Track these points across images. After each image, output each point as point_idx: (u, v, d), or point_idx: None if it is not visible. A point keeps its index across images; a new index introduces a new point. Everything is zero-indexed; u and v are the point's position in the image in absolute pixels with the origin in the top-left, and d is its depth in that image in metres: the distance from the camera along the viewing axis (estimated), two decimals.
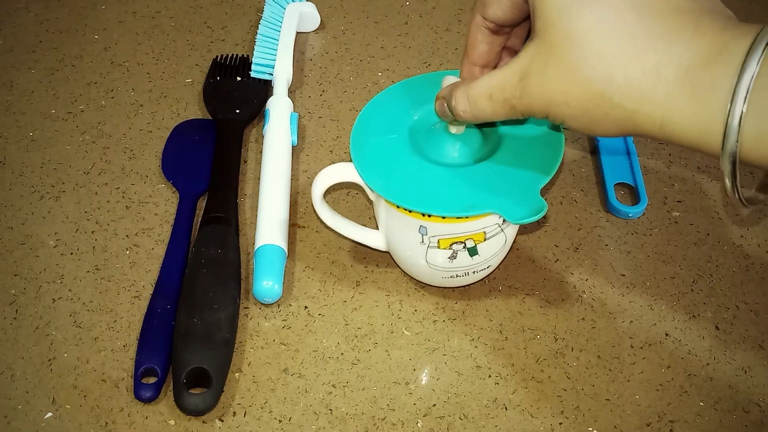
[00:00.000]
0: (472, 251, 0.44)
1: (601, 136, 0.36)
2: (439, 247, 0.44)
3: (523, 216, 0.40)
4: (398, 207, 0.43)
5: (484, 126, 0.45)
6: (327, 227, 0.50)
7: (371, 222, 0.52)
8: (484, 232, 0.43)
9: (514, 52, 0.44)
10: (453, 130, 0.44)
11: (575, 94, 0.34)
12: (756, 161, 0.31)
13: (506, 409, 0.44)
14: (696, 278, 0.50)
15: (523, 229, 0.52)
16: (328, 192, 0.53)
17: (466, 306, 0.49)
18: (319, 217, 0.49)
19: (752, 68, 0.30)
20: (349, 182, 0.45)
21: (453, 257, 0.44)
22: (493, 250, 0.45)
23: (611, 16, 0.33)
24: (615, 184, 0.55)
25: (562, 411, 0.44)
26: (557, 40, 0.34)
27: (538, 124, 0.45)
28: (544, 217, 0.53)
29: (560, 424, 0.43)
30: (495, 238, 0.44)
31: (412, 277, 0.50)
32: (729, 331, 0.48)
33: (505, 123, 0.45)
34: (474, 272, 0.47)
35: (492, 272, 0.49)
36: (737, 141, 0.31)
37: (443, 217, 0.41)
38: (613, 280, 0.50)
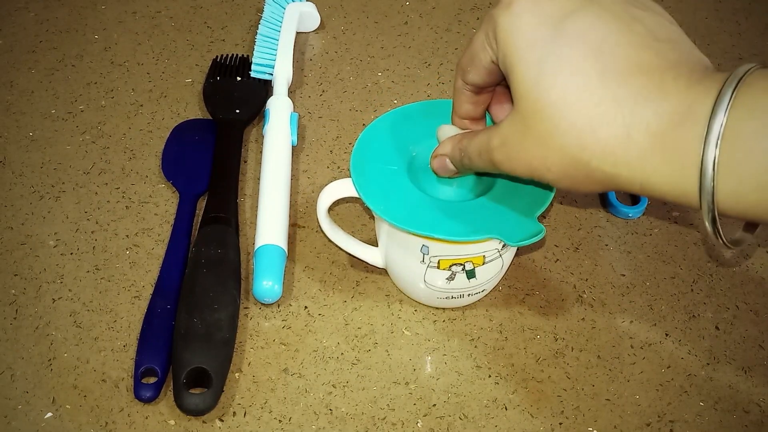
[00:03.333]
0: (470, 274, 0.45)
1: (587, 193, 0.37)
2: (438, 268, 0.44)
3: (522, 239, 0.41)
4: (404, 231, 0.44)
5: None
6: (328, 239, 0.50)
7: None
8: (484, 256, 0.44)
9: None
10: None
11: (554, 161, 0.35)
12: (733, 214, 0.32)
13: (506, 409, 0.44)
14: (696, 278, 0.50)
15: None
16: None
17: (466, 306, 0.49)
18: (321, 230, 0.49)
19: (717, 127, 0.30)
20: (354, 197, 0.46)
21: (451, 278, 0.45)
22: (490, 275, 0.46)
23: (577, 86, 0.34)
24: None
25: (562, 411, 0.44)
26: (530, 111, 0.35)
27: None
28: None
29: (560, 424, 0.43)
30: (493, 263, 0.45)
31: None
32: (729, 331, 0.48)
33: None
34: (469, 295, 0.47)
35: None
36: (713, 198, 0.31)
37: (447, 240, 0.42)
38: (613, 280, 0.50)
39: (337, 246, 0.50)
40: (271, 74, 0.61)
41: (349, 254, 0.50)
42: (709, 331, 0.48)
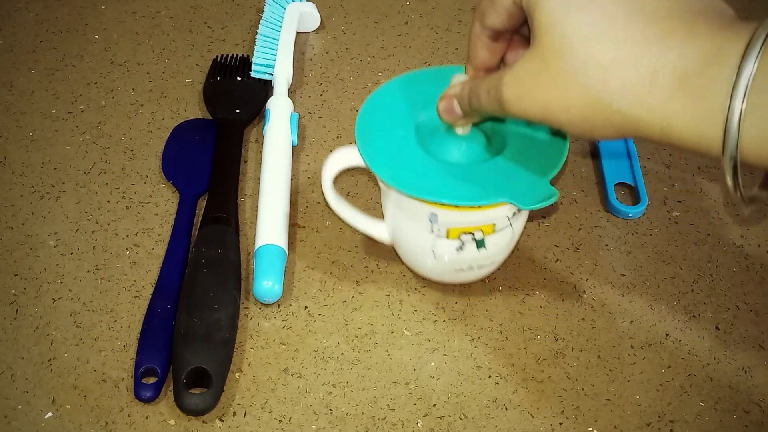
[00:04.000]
0: (480, 244, 0.44)
1: (601, 140, 0.36)
2: (447, 237, 0.43)
3: (535, 202, 0.40)
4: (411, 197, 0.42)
5: (489, 128, 0.45)
6: (337, 223, 0.50)
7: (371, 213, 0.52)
8: (494, 224, 0.43)
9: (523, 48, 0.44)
10: (459, 131, 0.44)
11: (573, 101, 0.34)
12: (757, 163, 0.31)
13: (506, 409, 0.44)
14: (696, 278, 0.50)
15: (526, 232, 0.52)
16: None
17: (466, 306, 0.49)
18: (325, 201, 0.48)
19: (749, 70, 0.30)
20: (360, 172, 0.45)
21: (460, 248, 0.44)
22: (500, 245, 0.45)
23: (605, 22, 0.33)
24: (615, 184, 0.55)
25: (562, 411, 0.44)
26: (552, 47, 0.34)
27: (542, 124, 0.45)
28: (544, 217, 0.53)
29: (560, 424, 0.43)
30: (503, 232, 0.43)
31: (413, 277, 0.50)
32: (729, 331, 0.48)
33: (509, 122, 0.45)
34: (479, 267, 0.46)
35: (493, 272, 0.49)
36: (737, 144, 0.30)
37: (456, 206, 0.41)
38: (613, 280, 0.50)
39: (341, 219, 0.49)
40: (271, 74, 0.61)
41: (354, 228, 0.49)
42: (709, 331, 0.48)
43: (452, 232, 0.43)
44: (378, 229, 0.48)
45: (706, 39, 0.31)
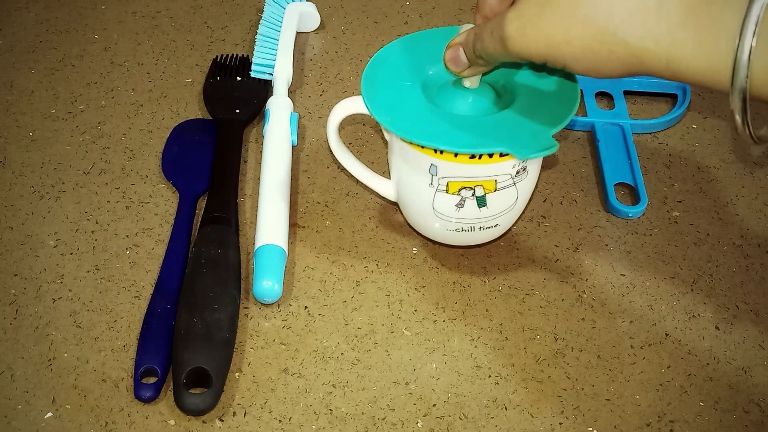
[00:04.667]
0: (481, 201, 0.43)
1: (606, 77, 0.35)
2: (447, 191, 0.43)
3: (531, 152, 0.39)
4: (410, 143, 0.42)
5: (500, 84, 0.45)
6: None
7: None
8: (495, 180, 0.42)
9: None
10: (467, 83, 0.43)
11: (577, 32, 0.33)
12: (766, 97, 0.30)
13: (506, 409, 0.44)
14: (696, 278, 0.50)
15: (527, 231, 0.52)
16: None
17: (466, 306, 0.49)
18: (331, 152, 0.48)
19: (759, 4, 0.29)
20: (365, 116, 0.44)
21: (461, 205, 0.43)
22: (503, 206, 0.44)
23: None
24: (615, 184, 0.55)
25: (562, 411, 0.44)
26: None
27: (554, 82, 0.44)
28: (544, 216, 0.53)
29: (560, 424, 0.43)
30: (505, 191, 0.43)
31: (412, 277, 0.50)
32: (729, 331, 0.48)
33: (520, 78, 0.45)
34: (481, 228, 0.45)
35: (494, 268, 0.49)
36: (747, 76, 0.30)
37: (455, 155, 0.41)
38: (613, 280, 0.50)
39: (346, 172, 0.49)
40: (271, 74, 0.61)
41: (359, 181, 0.49)
42: (709, 331, 0.48)
43: (452, 186, 0.42)
44: (384, 186, 0.48)
45: None
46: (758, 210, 0.54)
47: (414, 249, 0.51)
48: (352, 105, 0.45)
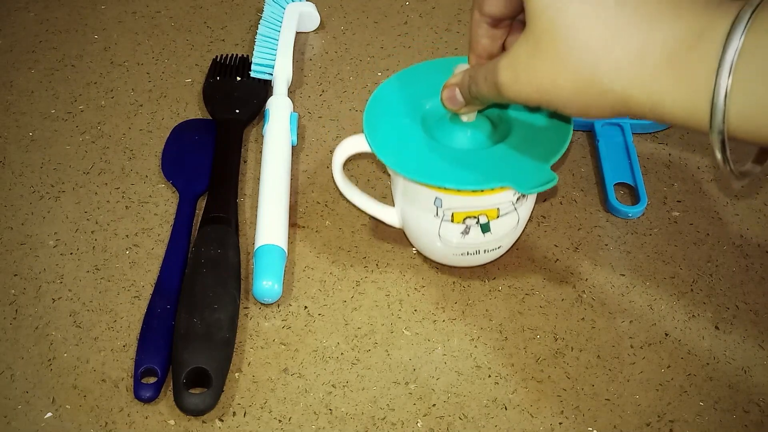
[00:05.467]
0: (485, 228, 0.44)
1: (596, 118, 0.37)
2: (452, 221, 0.44)
3: (533, 186, 0.41)
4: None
5: (495, 116, 0.46)
6: (344, 199, 0.50)
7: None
8: (498, 208, 0.43)
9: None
10: (464, 118, 0.45)
11: (566, 80, 0.35)
12: (744, 137, 0.32)
13: (506, 409, 0.44)
14: (696, 278, 0.50)
15: (527, 231, 0.52)
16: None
17: (466, 306, 0.49)
18: (337, 188, 0.49)
19: (734, 46, 0.30)
20: (369, 158, 0.46)
21: (466, 232, 0.45)
22: (505, 230, 0.45)
23: (594, 6, 0.34)
24: (615, 184, 0.55)
25: (562, 411, 0.44)
26: (545, 31, 0.35)
27: (547, 111, 0.46)
28: (544, 217, 0.53)
29: (560, 424, 0.43)
30: (508, 217, 0.44)
31: (412, 277, 0.50)
32: (729, 331, 0.48)
33: (514, 109, 0.46)
34: (485, 251, 0.47)
35: (494, 274, 0.49)
36: (724, 119, 0.31)
37: (459, 190, 0.42)
38: (613, 280, 0.50)
39: (352, 204, 0.50)
40: (271, 74, 0.61)
41: (365, 213, 0.50)
42: (710, 332, 0.48)
43: (457, 216, 0.44)
44: (389, 215, 0.49)
45: (694, 18, 0.32)
46: (758, 210, 0.54)
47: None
48: (355, 144, 0.46)
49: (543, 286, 0.50)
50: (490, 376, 0.45)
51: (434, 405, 0.44)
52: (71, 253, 0.51)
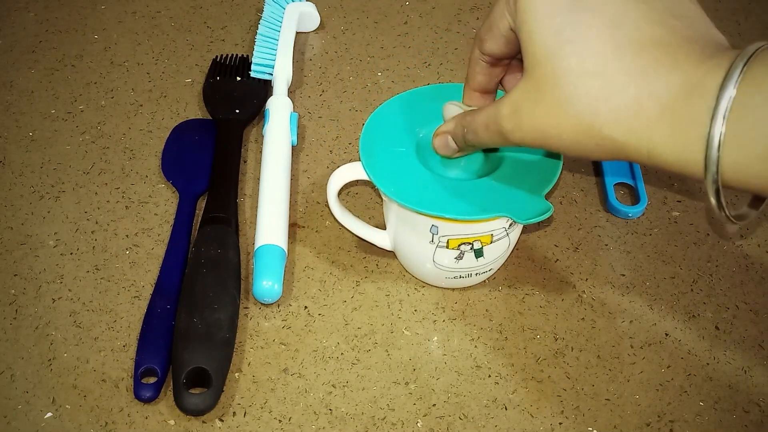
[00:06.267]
0: (478, 253, 0.45)
1: (597, 160, 0.38)
2: (447, 247, 0.45)
3: (530, 216, 0.42)
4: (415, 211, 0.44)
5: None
6: (338, 224, 0.51)
7: (371, 221, 0.52)
8: (492, 234, 0.44)
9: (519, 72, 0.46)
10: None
11: (566, 128, 0.36)
12: (737, 186, 0.32)
13: (506, 409, 0.44)
14: (696, 278, 0.50)
15: (525, 231, 0.52)
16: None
17: (466, 306, 0.49)
18: (331, 214, 0.50)
19: (727, 96, 0.31)
20: (362, 181, 0.46)
21: (459, 257, 0.46)
22: (497, 253, 0.46)
23: (594, 56, 0.34)
24: (615, 184, 0.55)
25: (562, 411, 0.44)
26: (545, 78, 0.36)
27: None
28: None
29: (560, 424, 0.43)
30: (500, 241, 0.45)
31: (412, 277, 0.50)
32: (729, 331, 0.48)
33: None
34: (477, 274, 0.48)
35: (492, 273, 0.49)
36: (718, 168, 0.32)
37: (457, 219, 0.43)
38: (613, 280, 0.50)
39: (346, 229, 0.50)
40: (271, 74, 0.61)
41: (358, 237, 0.50)
42: (709, 331, 0.48)
43: (452, 242, 0.45)
44: (381, 238, 0.50)
45: (689, 69, 0.33)
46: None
47: None
48: (351, 172, 0.47)
49: (543, 286, 0.50)
50: (490, 376, 0.45)
51: (434, 405, 0.44)
52: (71, 253, 0.51)
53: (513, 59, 0.44)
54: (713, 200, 0.33)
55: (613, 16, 0.34)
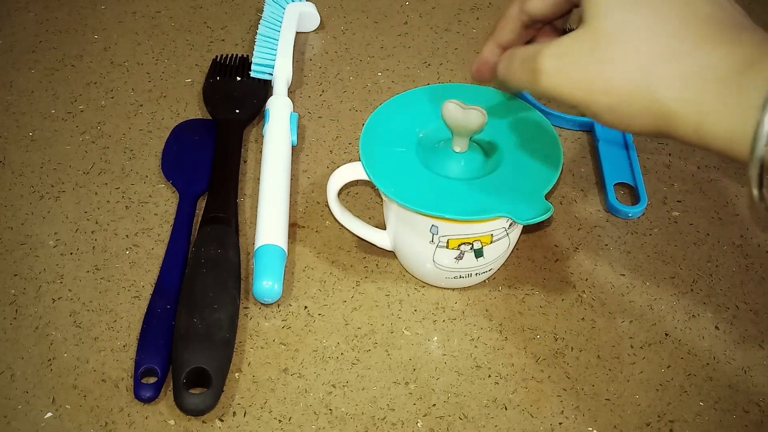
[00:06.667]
0: (478, 253, 0.45)
1: (635, 133, 0.37)
2: (447, 247, 0.45)
3: (531, 217, 0.42)
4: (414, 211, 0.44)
5: (485, 144, 0.47)
6: (338, 224, 0.51)
7: (371, 221, 0.52)
8: (492, 234, 0.44)
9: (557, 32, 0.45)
10: (456, 148, 0.45)
11: (617, 84, 0.35)
12: None
13: (506, 409, 0.44)
14: (696, 278, 0.50)
15: (525, 231, 0.52)
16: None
17: (466, 306, 0.49)
18: (331, 214, 0.50)
19: None
20: (362, 181, 0.46)
21: (459, 258, 0.46)
22: (497, 253, 0.46)
23: (658, 17, 0.34)
24: (615, 184, 0.55)
25: (562, 411, 0.44)
26: (605, 31, 0.35)
27: (538, 137, 0.47)
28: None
29: (560, 424, 0.43)
30: (500, 241, 0.45)
31: (412, 277, 0.50)
32: (729, 331, 0.48)
33: (504, 136, 0.47)
34: (477, 274, 0.48)
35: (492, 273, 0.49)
36: (766, 147, 0.31)
37: (457, 220, 0.43)
38: (613, 280, 0.50)
39: (346, 229, 0.50)
40: (271, 74, 0.61)
41: (358, 237, 0.50)
42: (710, 332, 0.48)
43: (452, 242, 0.45)
44: (381, 238, 0.50)
45: (750, 48, 0.33)
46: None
47: None
48: (351, 172, 0.47)
49: (543, 286, 0.50)
50: (490, 376, 0.45)
51: (434, 405, 0.44)
52: (71, 253, 0.51)
53: (548, 24, 0.43)
54: (755, 190, 0.33)
55: None
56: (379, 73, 0.64)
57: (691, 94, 0.33)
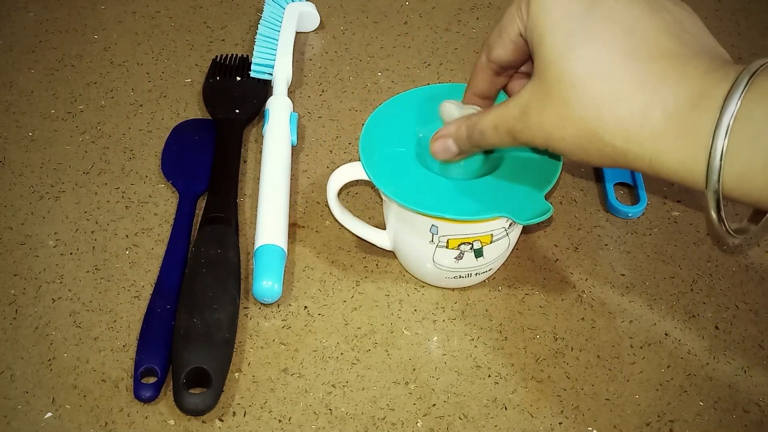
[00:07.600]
0: (478, 253, 0.45)
1: (598, 166, 0.38)
2: (447, 247, 0.45)
3: (531, 217, 0.42)
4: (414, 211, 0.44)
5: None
6: (338, 224, 0.51)
7: (371, 221, 0.52)
8: (492, 234, 0.44)
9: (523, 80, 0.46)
10: None
11: (571, 131, 0.36)
12: (738, 198, 0.33)
13: (506, 408, 0.44)
14: (695, 278, 0.50)
15: (525, 231, 0.52)
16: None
17: (466, 306, 0.49)
18: (331, 214, 0.50)
19: (731, 109, 0.32)
20: (362, 181, 0.46)
21: (459, 257, 0.46)
22: (497, 253, 0.47)
23: (603, 61, 0.35)
24: (614, 184, 0.55)
25: (562, 411, 0.44)
26: (554, 80, 0.36)
27: None
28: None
29: (560, 423, 0.43)
30: (500, 241, 0.45)
31: (412, 277, 0.50)
32: (729, 331, 0.48)
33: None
34: (476, 274, 0.48)
35: (492, 273, 0.50)
36: (719, 179, 0.32)
37: (457, 220, 0.43)
38: (613, 280, 0.50)
39: (346, 229, 0.50)
40: (271, 74, 0.61)
41: (358, 237, 0.50)
42: (709, 331, 0.48)
43: (452, 242, 0.45)
44: (380, 238, 0.50)
45: (696, 81, 0.33)
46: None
47: None
48: (351, 172, 0.47)
49: (543, 286, 0.50)
50: (490, 376, 0.45)
51: (434, 405, 0.44)
52: (71, 253, 0.51)
53: (517, 70, 0.44)
54: (713, 213, 0.34)
55: (626, 24, 0.35)
56: (379, 73, 0.64)
57: (642, 134, 0.34)
